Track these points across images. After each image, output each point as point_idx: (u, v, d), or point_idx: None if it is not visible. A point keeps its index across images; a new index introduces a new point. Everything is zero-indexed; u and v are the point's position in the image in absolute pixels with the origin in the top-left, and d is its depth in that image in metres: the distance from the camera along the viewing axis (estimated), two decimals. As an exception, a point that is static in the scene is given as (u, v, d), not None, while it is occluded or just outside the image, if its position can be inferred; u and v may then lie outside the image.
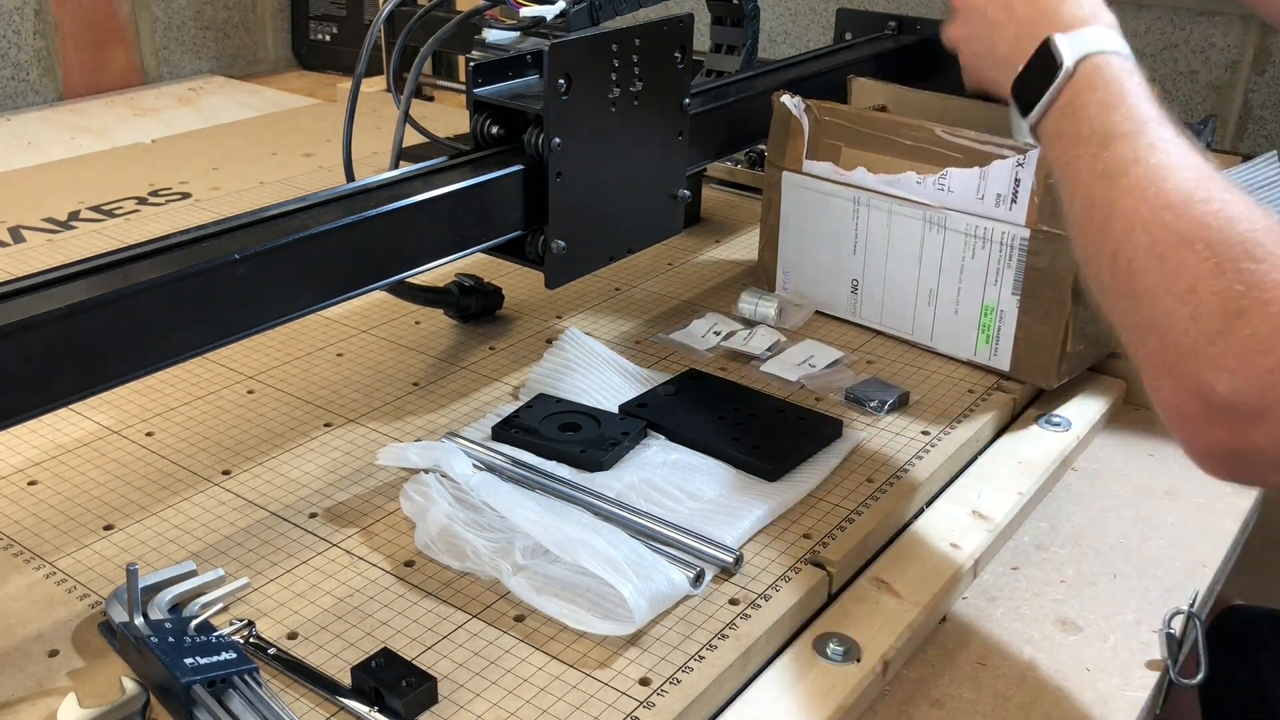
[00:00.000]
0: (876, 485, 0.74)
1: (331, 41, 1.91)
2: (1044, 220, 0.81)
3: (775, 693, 0.59)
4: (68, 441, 0.78)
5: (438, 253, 0.76)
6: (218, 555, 0.66)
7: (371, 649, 0.59)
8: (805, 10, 1.77)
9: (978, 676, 0.63)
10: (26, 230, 1.16)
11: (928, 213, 0.87)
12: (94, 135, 1.52)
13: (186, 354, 0.63)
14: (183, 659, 0.54)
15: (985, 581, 0.71)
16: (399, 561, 0.66)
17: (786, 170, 0.94)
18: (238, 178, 1.33)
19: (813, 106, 0.92)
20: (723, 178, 1.31)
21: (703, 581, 0.64)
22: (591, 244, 0.84)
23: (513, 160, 0.79)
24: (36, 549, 0.67)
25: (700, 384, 0.84)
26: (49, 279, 0.59)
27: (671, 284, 1.05)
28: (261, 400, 0.84)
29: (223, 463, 0.76)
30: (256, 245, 0.64)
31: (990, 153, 0.83)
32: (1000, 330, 0.85)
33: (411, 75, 0.83)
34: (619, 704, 0.56)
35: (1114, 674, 0.63)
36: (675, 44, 0.85)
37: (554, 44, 0.75)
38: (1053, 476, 0.79)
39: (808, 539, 0.68)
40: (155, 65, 1.79)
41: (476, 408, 0.82)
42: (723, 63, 1.18)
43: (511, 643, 0.60)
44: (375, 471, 0.74)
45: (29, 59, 1.63)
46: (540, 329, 0.95)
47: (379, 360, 0.90)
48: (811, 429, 0.78)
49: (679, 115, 0.88)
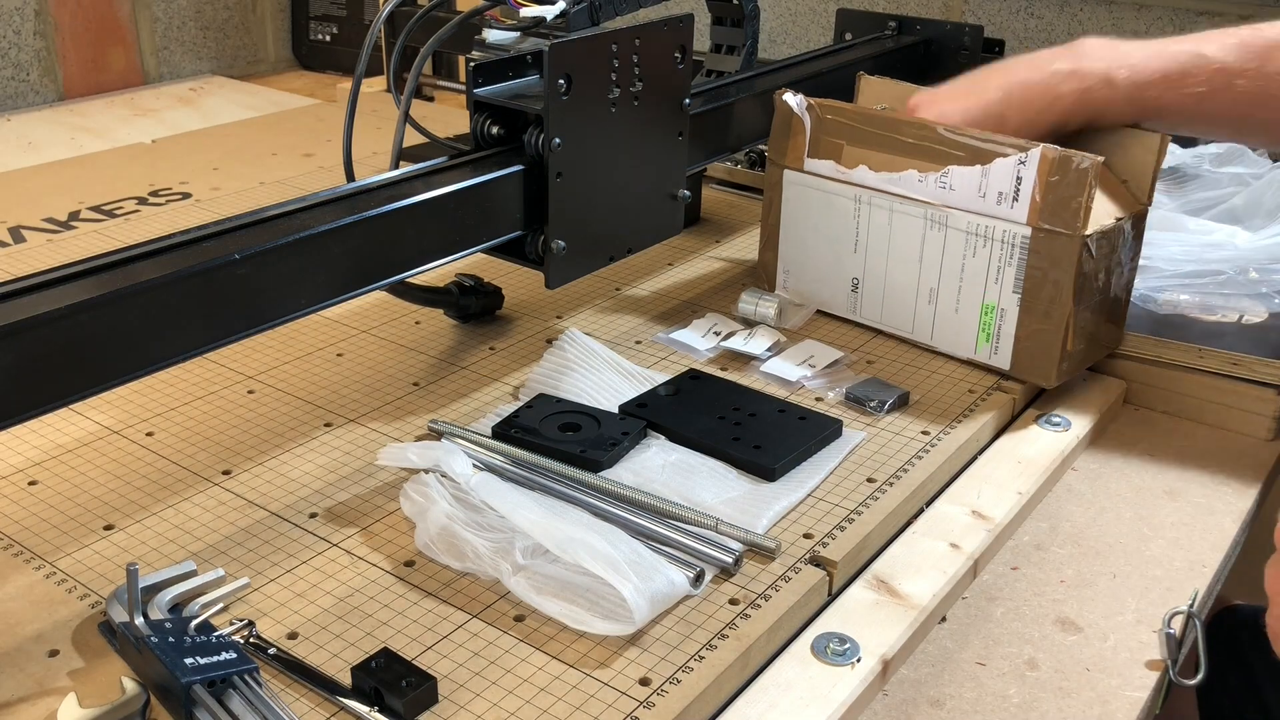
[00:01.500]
0: (876, 485, 0.74)
1: (331, 41, 1.91)
2: (1045, 219, 0.81)
3: (775, 693, 0.59)
4: (68, 441, 0.78)
5: (438, 253, 0.76)
6: (218, 555, 0.66)
7: (371, 649, 0.59)
8: (805, 10, 1.77)
9: (978, 676, 0.63)
10: (26, 230, 1.16)
11: (929, 211, 0.87)
12: (94, 135, 1.52)
13: (186, 354, 0.63)
14: (183, 659, 0.54)
15: (985, 581, 0.71)
16: (399, 561, 0.66)
17: (788, 168, 0.94)
18: (238, 178, 1.33)
19: (814, 104, 0.92)
20: (723, 178, 1.31)
21: (703, 581, 0.64)
22: (591, 244, 0.84)
23: (513, 160, 0.79)
24: (36, 549, 0.67)
25: (700, 384, 0.84)
26: (49, 279, 0.59)
27: (671, 284, 1.05)
28: (261, 400, 0.84)
29: (223, 463, 0.76)
30: (256, 245, 0.64)
31: (992, 151, 0.83)
32: (1001, 329, 0.85)
33: (411, 75, 0.83)
34: (619, 704, 0.56)
35: (1114, 674, 0.63)
36: (675, 44, 0.85)
37: (554, 44, 0.75)
38: (1053, 476, 0.79)
39: (808, 539, 0.68)
40: (155, 65, 1.79)
41: (476, 408, 0.82)
42: (723, 63, 1.18)
43: (511, 643, 0.60)
44: (375, 471, 0.74)
45: (29, 59, 1.63)
46: (540, 329, 0.95)
47: (379, 360, 0.90)
48: (811, 429, 0.78)
49: (679, 115, 0.88)
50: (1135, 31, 1.50)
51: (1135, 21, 1.50)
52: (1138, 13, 1.50)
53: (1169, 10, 1.48)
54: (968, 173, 0.84)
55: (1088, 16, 1.53)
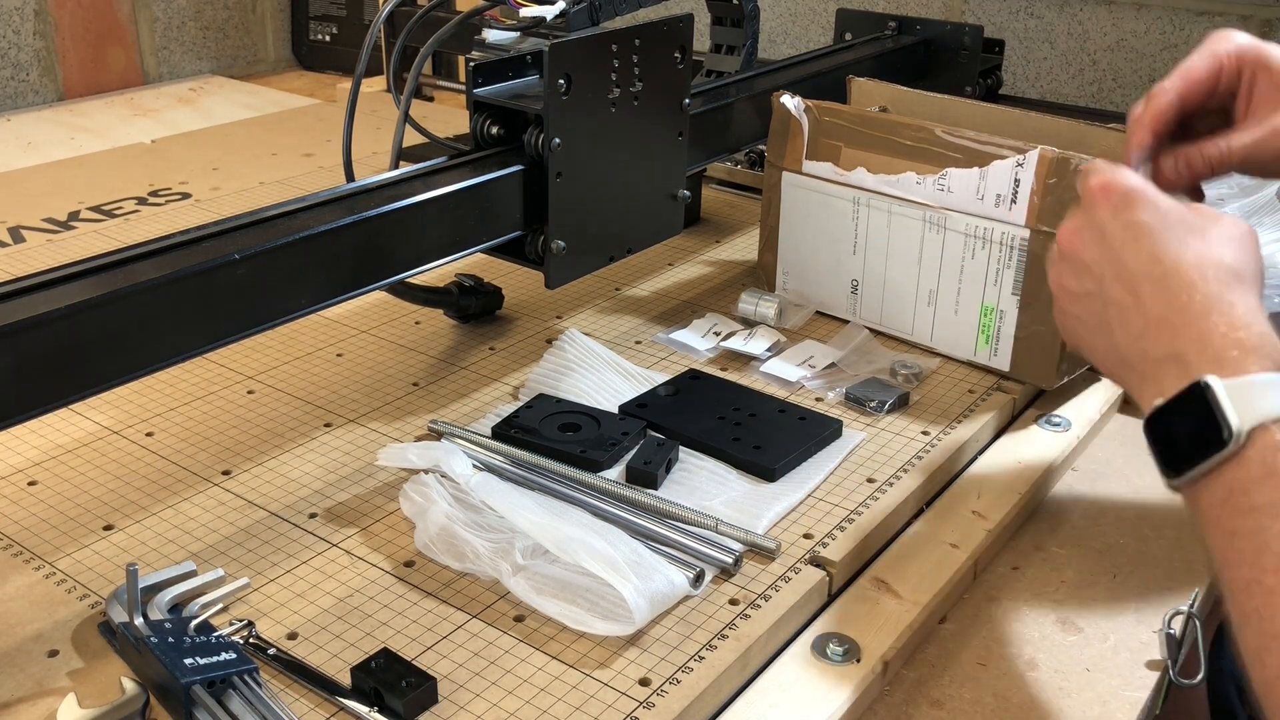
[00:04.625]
0: (876, 485, 0.74)
1: (331, 41, 1.91)
2: (1044, 220, 0.81)
3: (775, 693, 0.59)
4: (68, 441, 0.78)
5: (438, 253, 0.76)
6: (218, 555, 0.66)
7: (371, 649, 0.59)
8: (805, 10, 1.77)
9: (978, 676, 0.63)
10: (26, 230, 1.16)
11: (928, 213, 0.87)
12: (94, 135, 1.52)
13: (186, 354, 0.63)
14: (182, 659, 0.54)
15: (985, 581, 0.71)
16: (399, 561, 0.66)
17: (786, 170, 0.94)
18: (238, 178, 1.33)
19: (813, 107, 0.92)
20: (723, 178, 1.31)
21: (702, 582, 0.64)
22: (591, 244, 0.84)
23: (513, 160, 0.79)
24: (36, 549, 0.67)
25: (700, 384, 0.84)
26: (49, 279, 0.59)
27: (671, 284, 1.05)
28: (261, 400, 0.84)
29: (223, 463, 0.76)
30: (256, 245, 0.64)
31: (990, 153, 0.83)
32: (1000, 330, 0.85)
33: (411, 75, 0.83)
34: (619, 704, 0.56)
35: (1114, 674, 0.63)
36: (675, 44, 0.85)
37: (554, 44, 0.75)
38: (1053, 477, 0.79)
39: (808, 539, 0.68)
40: (155, 65, 1.79)
41: (476, 408, 0.82)
42: (723, 63, 1.18)
43: (511, 643, 0.60)
44: (375, 471, 0.74)
45: (29, 59, 1.63)
46: (540, 329, 0.95)
47: (379, 360, 0.90)
48: (811, 429, 0.78)
49: (679, 115, 0.88)
50: (1135, 31, 1.50)
51: (1135, 22, 1.50)
52: (1137, 13, 1.50)
53: (1169, 10, 1.48)
54: (966, 175, 0.84)
55: (1088, 16, 1.53)
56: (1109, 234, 0.54)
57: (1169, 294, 0.51)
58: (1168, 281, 0.51)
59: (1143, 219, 0.53)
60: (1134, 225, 0.53)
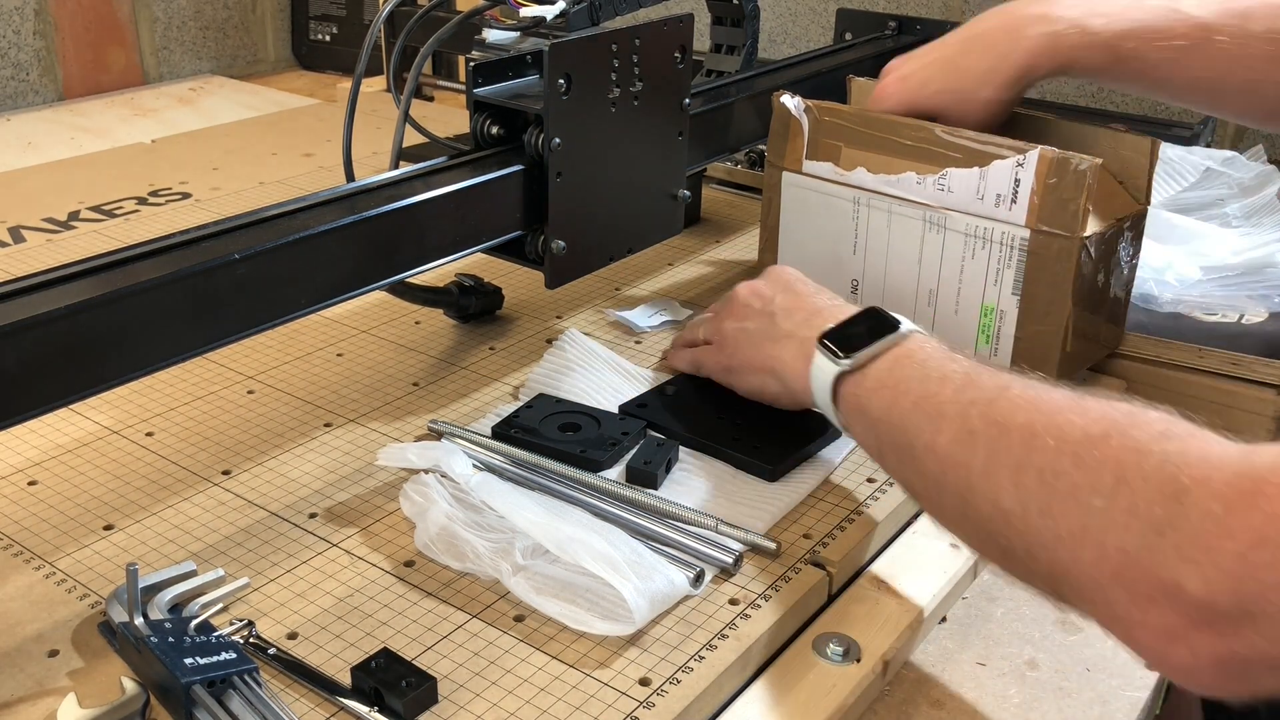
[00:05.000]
0: (876, 485, 0.74)
1: (331, 41, 1.91)
2: (1044, 221, 0.81)
3: (775, 693, 0.59)
4: (68, 441, 0.78)
5: (438, 253, 0.76)
6: (218, 555, 0.66)
7: (371, 649, 0.59)
8: (805, 10, 1.77)
9: (978, 676, 0.63)
10: (26, 230, 1.16)
11: (928, 213, 0.87)
12: (94, 135, 1.52)
13: (187, 354, 0.63)
14: (182, 659, 0.54)
15: (985, 581, 0.71)
16: (399, 561, 0.66)
17: (786, 170, 0.94)
18: (238, 178, 1.33)
19: (813, 106, 0.92)
20: (723, 178, 1.31)
21: (702, 581, 0.64)
22: (591, 244, 0.84)
23: (513, 160, 0.79)
24: (36, 549, 0.67)
25: (700, 384, 0.84)
26: (49, 279, 0.59)
27: (671, 284, 1.05)
28: (261, 400, 0.84)
29: (223, 463, 0.76)
30: (256, 245, 0.64)
31: (990, 153, 0.83)
32: (1000, 330, 0.85)
33: (411, 75, 0.83)
34: (619, 704, 0.56)
35: (1114, 674, 0.63)
36: (675, 44, 0.85)
37: (554, 44, 0.75)
38: (1053, 477, 0.79)
39: (808, 539, 0.69)
40: (155, 65, 1.79)
41: (476, 408, 0.82)
42: (723, 63, 1.18)
43: (511, 643, 0.60)
44: (375, 471, 0.74)
45: (29, 59, 1.63)
46: (540, 329, 0.95)
47: (379, 360, 0.90)
48: (811, 429, 0.78)
49: (679, 115, 0.88)
50: (1135, 32, 1.50)
51: (1135, 22, 1.50)
52: (1137, 13, 1.50)
53: (1168, 11, 1.48)
54: (966, 175, 0.84)
55: (1087, 17, 1.53)
56: (772, 277, 0.79)
57: (818, 301, 0.74)
58: (817, 297, 0.76)
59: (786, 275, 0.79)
60: (782, 272, 0.80)
